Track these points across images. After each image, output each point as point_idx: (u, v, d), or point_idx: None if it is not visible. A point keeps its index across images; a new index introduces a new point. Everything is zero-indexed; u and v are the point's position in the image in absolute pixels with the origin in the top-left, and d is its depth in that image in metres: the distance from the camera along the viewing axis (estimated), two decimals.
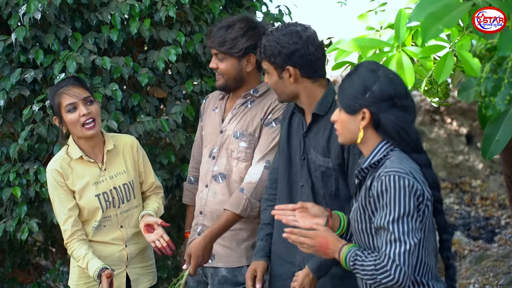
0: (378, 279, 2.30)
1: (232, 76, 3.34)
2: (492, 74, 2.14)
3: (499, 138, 2.39)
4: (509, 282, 5.49)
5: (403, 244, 2.27)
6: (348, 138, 2.46)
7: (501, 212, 7.16)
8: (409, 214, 2.28)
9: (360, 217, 2.41)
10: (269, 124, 3.34)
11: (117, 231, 3.34)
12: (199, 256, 3.20)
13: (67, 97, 3.21)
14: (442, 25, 1.97)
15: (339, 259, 2.41)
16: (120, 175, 3.35)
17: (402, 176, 2.29)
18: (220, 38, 3.29)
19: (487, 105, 2.17)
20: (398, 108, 2.36)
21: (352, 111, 2.40)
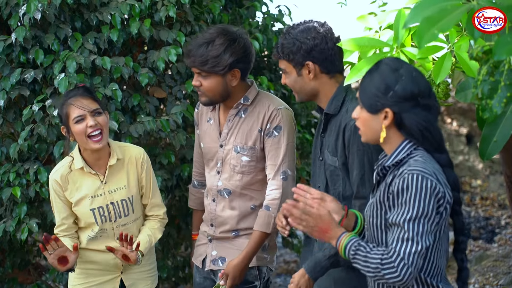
0: (381, 273, 2.27)
1: (217, 93, 3.28)
2: (488, 76, 2.14)
3: (497, 139, 2.39)
4: (509, 282, 5.49)
5: (415, 244, 2.24)
6: (370, 137, 2.43)
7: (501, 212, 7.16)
8: (426, 215, 2.25)
9: (376, 212, 2.39)
10: (271, 135, 3.31)
11: (113, 242, 3.32)
12: (235, 276, 3.31)
13: (75, 109, 3.19)
14: (437, 29, 1.97)
15: (338, 245, 2.38)
16: (120, 190, 3.33)
17: (425, 176, 2.26)
18: (201, 57, 3.21)
19: (484, 108, 2.17)
20: (422, 107, 2.33)
21: (374, 110, 2.37)
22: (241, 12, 4.43)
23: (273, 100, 3.37)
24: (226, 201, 3.41)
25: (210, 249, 3.48)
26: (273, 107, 3.32)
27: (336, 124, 2.93)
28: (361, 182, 2.83)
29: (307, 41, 2.91)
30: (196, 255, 3.58)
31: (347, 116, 2.89)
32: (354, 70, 2.82)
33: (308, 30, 2.92)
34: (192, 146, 3.99)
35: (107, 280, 3.37)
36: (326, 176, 2.97)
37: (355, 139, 2.84)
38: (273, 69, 4.72)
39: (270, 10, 4.74)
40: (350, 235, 2.37)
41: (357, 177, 2.84)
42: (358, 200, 2.86)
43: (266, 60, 4.70)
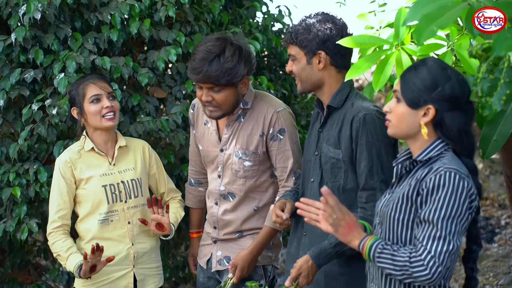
0: (409, 271, 2.24)
1: (230, 104, 3.24)
2: (488, 74, 2.14)
3: (496, 138, 2.39)
4: (509, 282, 5.49)
5: (447, 243, 2.22)
6: (403, 131, 2.39)
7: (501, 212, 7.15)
8: (460, 215, 2.23)
9: (401, 207, 2.35)
10: (276, 138, 3.30)
11: (124, 227, 3.36)
12: (244, 268, 3.32)
13: (94, 87, 3.31)
14: (436, 26, 1.97)
15: (361, 247, 2.35)
16: (129, 171, 3.41)
17: (462, 176, 2.25)
18: (216, 72, 3.12)
19: (484, 105, 2.17)
20: (462, 110, 2.31)
21: (415, 105, 2.33)
22: (241, 12, 4.42)
23: (271, 102, 3.35)
24: (230, 205, 3.41)
25: (215, 250, 3.49)
26: (272, 110, 3.30)
27: (339, 118, 2.95)
28: (369, 173, 2.84)
29: (324, 30, 2.93)
30: (201, 255, 3.59)
31: (353, 109, 2.91)
32: (354, 68, 2.82)
33: (326, 21, 2.95)
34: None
35: (120, 276, 3.37)
36: (323, 170, 2.98)
37: (364, 131, 2.86)
38: (273, 69, 4.72)
39: (270, 10, 4.74)
40: (374, 237, 2.35)
41: (365, 168, 2.85)
42: (365, 191, 2.87)
43: (266, 60, 4.70)
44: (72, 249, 3.27)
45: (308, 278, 2.86)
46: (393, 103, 2.39)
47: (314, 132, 3.08)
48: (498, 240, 6.69)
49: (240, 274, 3.32)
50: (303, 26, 2.94)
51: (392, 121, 2.40)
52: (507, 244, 6.44)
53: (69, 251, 3.26)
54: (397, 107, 2.38)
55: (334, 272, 2.95)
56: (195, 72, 3.16)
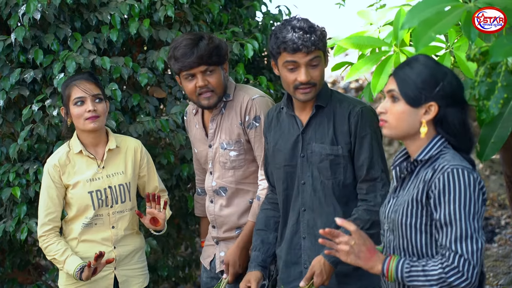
0: (447, 282, 2.16)
1: (222, 88, 3.30)
2: (486, 77, 2.14)
3: (494, 140, 2.38)
4: (509, 282, 5.49)
5: (475, 241, 2.15)
6: (403, 131, 2.30)
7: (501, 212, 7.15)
8: (478, 210, 2.18)
9: (412, 211, 2.28)
10: (252, 126, 3.32)
11: (108, 231, 3.35)
12: (235, 263, 3.33)
13: (77, 90, 3.26)
14: (435, 32, 1.96)
15: (385, 269, 2.26)
16: (117, 175, 3.36)
17: (470, 171, 2.20)
18: (205, 51, 3.21)
19: (481, 109, 2.17)
20: (460, 105, 2.27)
21: (416, 103, 2.26)
22: (241, 12, 4.42)
23: (247, 91, 3.39)
24: (223, 200, 3.42)
25: (218, 251, 3.50)
26: (247, 98, 3.34)
27: (328, 115, 2.96)
28: (371, 164, 2.88)
29: (324, 29, 2.95)
30: (204, 256, 3.60)
31: (343, 105, 2.95)
32: (353, 69, 2.83)
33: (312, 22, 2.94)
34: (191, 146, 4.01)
35: (101, 277, 3.35)
36: (315, 169, 2.97)
37: (362, 124, 2.89)
38: (272, 69, 4.71)
39: (270, 10, 4.74)
40: (397, 257, 2.28)
41: (366, 160, 2.88)
42: (366, 182, 2.90)
43: (266, 60, 4.70)
44: (68, 251, 3.27)
45: (322, 276, 2.82)
46: (389, 103, 2.32)
47: (288, 137, 3.05)
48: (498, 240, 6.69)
49: (233, 270, 3.33)
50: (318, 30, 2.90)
51: (389, 121, 2.32)
52: (507, 244, 6.44)
53: (65, 254, 3.26)
54: (394, 106, 2.30)
55: (345, 269, 2.91)
56: (187, 56, 3.22)
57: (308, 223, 3.00)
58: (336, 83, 8.75)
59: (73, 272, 3.22)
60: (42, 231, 3.31)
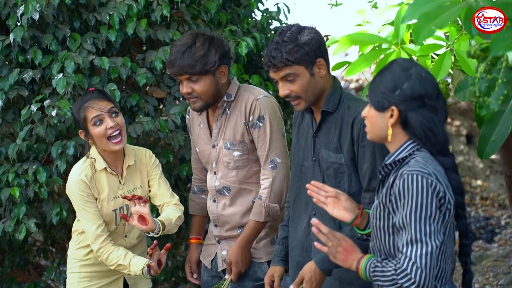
0: (399, 283, 2.25)
1: (211, 94, 3.29)
2: (486, 74, 2.14)
3: (495, 138, 2.39)
4: (509, 282, 5.49)
5: (425, 245, 2.22)
6: (376, 135, 2.43)
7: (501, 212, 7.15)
8: (431, 215, 2.23)
9: (379, 214, 2.38)
10: (256, 126, 3.32)
11: (121, 240, 3.37)
12: (238, 262, 3.34)
13: (92, 110, 3.23)
14: (435, 26, 1.96)
15: (358, 268, 2.38)
16: (136, 190, 3.37)
17: (425, 176, 2.25)
18: (188, 61, 3.21)
19: (481, 105, 2.17)
20: (428, 108, 2.32)
21: (381, 108, 2.37)
22: (239, 11, 4.42)
23: (252, 91, 3.38)
24: (226, 199, 3.43)
25: (220, 249, 3.50)
26: (252, 97, 3.33)
27: (336, 122, 2.90)
28: (372, 174, 2.83)
29: (313, 38, 2.85)
30: (205, 255, 3.59)
31: (350, 111, 2.88)
32: (353, 66, 2.82)
33: (303, 30, 2.87)
34: (191, 147, 4.00)
35: (111, 281, 3.38)
36: (324, 175, 2.95)
37: (365, 133, 2.83)
38: None
39: (269, 8, 4.73)
40: (368, 257, 2.38)
41: (368, 169, 2.83)
42: (369, 192, 2.85)
43: None
44: (129, 254, 3.26)
45: (311, 283, 2.83)
46: (367, 109, 2.44)
47: (306, 136, 3.04)
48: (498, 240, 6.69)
49: (236, 270, 3.34)
50: (289, 44, 2.82)
51: (367, 126, 2.45)
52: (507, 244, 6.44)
53: (127, 257, 3.25)
54: (369, 112, 2.42)
55: (350, 277, 2.91)
56: (170, 65, 3.27)
57: None
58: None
59: (141, 271, 3.22)
60: (99, 243, 3.26)
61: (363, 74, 4.61)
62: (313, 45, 2.85)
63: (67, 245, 3.48)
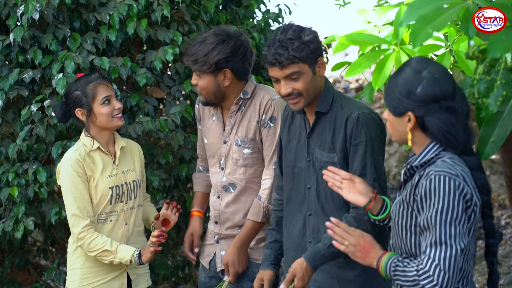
0: (420, 284, 2.22)
1: (210, 92, 3.33)
2: (485, 75, 2.14)
3: (494, 139, 2.39)
4: (509, 282, 5.49)
5: (449, 248, 2.20)
6: (398, 138, 2.41)
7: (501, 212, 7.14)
8: (457, 217, 2.21)
9: (403, 212, 2.35)
10: (266, 125, 3.34)
11: (122, 228, 3.37)
12: (235, 262, 3.35)
13: (105, 89, 3.30)
14: (432, 28, 1.96)
15: (378, 266, 2.36)
16: (130, 172, 3.41)
17: (452, 177, 2.23)
18: (193, 56, 3.28)
19: (480, 107, 2.17)
20: (445, 109, 2.28)
21: (397, 114, 2.35)
22: (239, 11, 4.42)
23: (268, 91, 3.41)
24: (231, 196, 3.44)
25: (218, 249, 3.50)
26: (267, 97, 3.36)
27: (330, 122, 2.92)
28: (363, 172, 2.83)
29: (314, 38, 2.88)
30: (203, 255, 3.60)
31: (344, 111, 2.89)
32: (353, 66, 2.83)
33: (302, 29, 2.88)
34: (191, 146, 4.00)
35: (115, 277, 3.38)
36: (318, 175, 2.95)
37: (358, 131, 2.85)
38: None
39: (270, 9, 4.72)
40: (389, 254, 2.35)
41: (358, 168, 2.84)
42: None
43: None
44: (115, 242, 3.27)
45: (303, 280, 2.85)
46: (386, 112, 2.42)
47: (298, 138, 3.04)
48: None
49: (234, 270, 3.34)
50: (294, 43, 2.82)
51: (389, 129, 2.44)
52: (507, 244, 6.44)
53: (113, 243, 3.25)
54: (388, 116, 2.41)
55: (349, 275, 2.94)
56: (185, 53, 3.37)
57: (314, 228, 3.00)
58: (336, 83, 8.74)
59: (131, 258, 3.24)
60: (82, 227, 3.24)
61: (363, 74, 4.61)
62: (316, 43, 2.88)
63: (67, 245, 3.47)
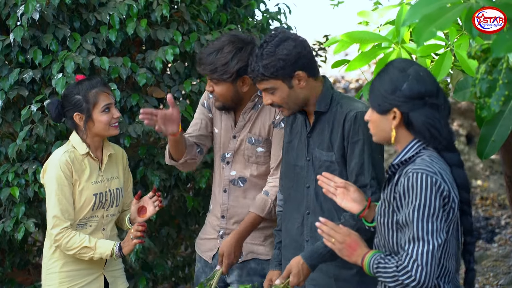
0: (399, 280, 2.26)
1: (228, 99, 3.32)
2: (487, 75, 2.14)
3: (495, 138, 2.39)
4: (509, 282, 5.49)
5: (426, 243, 2.23)
6: (381, 137, 2.44)
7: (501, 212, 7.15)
8: (434, 213, 2.24)
9: (384, 211, 2.39)
10: (278, 125, 3.35)
11: (99, 233, 3.35)
12: (231, 254, 3.31)
13: (106, 97, 3.27)
14: (436, 27, 1.96)
15: (362, 263, 2.40)
16: (114, 180, 3.38)
17: (430, 175, 2.26)
18: (210, 65, 3.25)
19: (482, 106, 2.17)
20: (429, 106, 2.33)
21: (382, 111, 2.38)
22: (239, 11, 4.42)
23: None
24: (240, 191, 3.43)
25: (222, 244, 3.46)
26: None
27: (328, 121, 2.94)
28: (360, 170, 2.85)
29: (290, 52, 2.86)
30: (205, 249, 3.55)
31: (343, 109, 2.91)
32: (352, 64, 2.83)
33: (283, 41, 2.87)
34: None
35: (92, 280, 3.36)
36: (317, 174, 2.96)
37: (355, 130, 2.86)
38: None
39: (269, 9, 4.72)
40: (372, 252, 2.40)
41: (356, 166, 2.86)
42: None
43: None
44: (93, 238, 3.26)
45: (298, 277, 2.85)
46: (370, 112, 2.45)
47: (299, 137, 3.06)
48: (498, 240, 6.69)
49: (227, 261, 3.31)
50: (267, 59, 2.85)
51: (371, 129, 2.46)
52: (507, 244, 6.44)
53: (92, 240, 3.24)
54: (372, 115, 2.44)
55: (344, 274, 2.95)
56: (197, 63, 3.34)
57: (311, 226, 3.01)
58: (336, 83, 8.74)
59: (111, 251, 3.23)
60: (60, 228, 3.23)
61: (363, 74, 4.62)
62: (290, 59, 2.86)
63: None
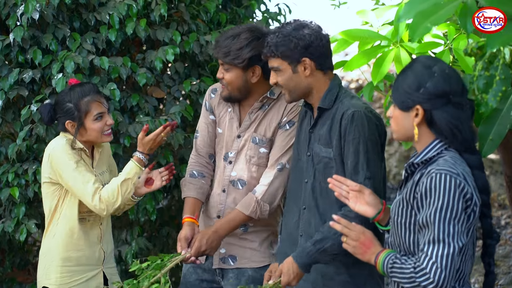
0: (417, 282, 2.22)
1: (236, 87, 3.29)
2: (484, 71, 2.14)
3: (493, 137, 2.38)
4: (509, 282, 5.49)
5: (447, 246, 2.20)
6: (402, 135, 2.40)
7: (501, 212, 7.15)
8: (456, 216, 2.21)
9: (402, 211, 2.36)
10: (283, 127, 3.33)
11: (97, 228, 3.38)
12: (202, 240, 3.19)
13: (99, 105, 3.26)
14: (431, 23, 1.97)
15: (376, 262, 2.37)
16: (105, 173, 3.40)
17: (453, 176, 2.22)
18: (225, 48, 3.25)
19: (480, 102, 2.18)
20: (453, 105, 2.29)
21: (405, 108, 2.34)
22: (239, 11, 4.42)
23: None
24: (238, 193, 3.37)
25: None
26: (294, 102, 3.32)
27: (329, 117, 2.95)
28: (354, 171, 2.84)
29: (304, 37, 2.90)
30: None
31: (343, 106, 2.91)
32: (350, 62, 2.83)
33: (302, 27, 2.92)
34: (191, 146, 3.95)
35: (92, 276, 3.38)
36: (315, 170, 2.98)
37: (351, 128, 2.86)
38: None
39: (270, 9, 4.73)
40: (387, 251, 2.36)
41: (351, 165, 2.85)
42: None
43: None
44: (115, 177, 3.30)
45: (288, 276, 2.84)
46: (392, 108, 2.42)
47: (304, 131, 3.08)
48: None
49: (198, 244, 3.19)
50: (281, 37, 2.91)
51: (392, 126, 2.42)
52: (507, 244, 6.44)
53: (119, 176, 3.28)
54: (394, 111, 2.40)
55: (331, 272, 2.95)
56: (214, 46, 3.34)
57: (306, 221, 3.01)
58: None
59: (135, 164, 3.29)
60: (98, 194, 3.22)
61: (363, 74, 4.62)
62: (301, 44, 2.89)
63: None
